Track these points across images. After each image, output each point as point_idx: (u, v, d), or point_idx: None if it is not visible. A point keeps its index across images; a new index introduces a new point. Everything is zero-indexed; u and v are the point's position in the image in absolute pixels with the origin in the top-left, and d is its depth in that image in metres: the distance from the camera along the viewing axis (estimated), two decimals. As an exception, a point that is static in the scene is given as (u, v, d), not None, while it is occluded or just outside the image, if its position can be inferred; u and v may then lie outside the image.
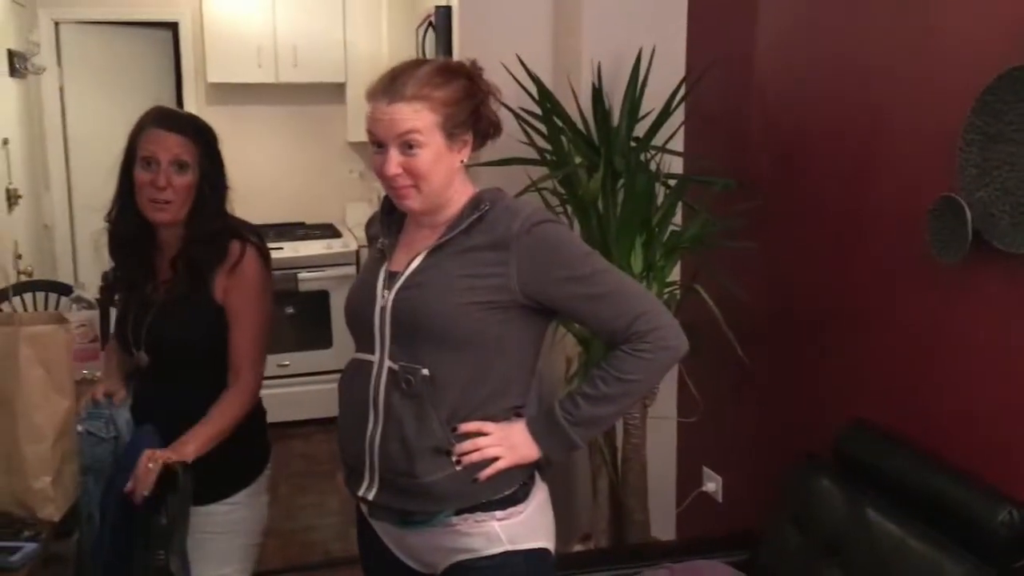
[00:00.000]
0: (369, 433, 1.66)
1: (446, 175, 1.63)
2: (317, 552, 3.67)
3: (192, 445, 1.86)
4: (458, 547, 1.65)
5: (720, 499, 3.01)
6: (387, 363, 1.63)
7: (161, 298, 2.02)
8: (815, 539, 2.19)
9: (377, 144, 1.61)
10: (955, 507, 1.92)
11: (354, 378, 1.72)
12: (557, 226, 1.64)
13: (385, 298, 1.64)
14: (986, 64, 1.85)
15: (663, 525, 3.13)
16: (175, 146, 1.95)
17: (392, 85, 1.59)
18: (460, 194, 1.67)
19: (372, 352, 1.66)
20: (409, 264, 1.65)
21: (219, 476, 1.93)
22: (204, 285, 1.99)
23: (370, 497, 1.68)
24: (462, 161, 1.66)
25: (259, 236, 2.10)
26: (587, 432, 1.67)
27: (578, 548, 2.87)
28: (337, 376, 2.02)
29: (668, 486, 3.23)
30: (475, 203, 1.64)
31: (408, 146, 1.58)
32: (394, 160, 1.59)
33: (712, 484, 3.03)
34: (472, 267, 1.59)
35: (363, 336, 1.69)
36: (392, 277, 1.66)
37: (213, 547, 2.02)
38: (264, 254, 2.07)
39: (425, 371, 1.59)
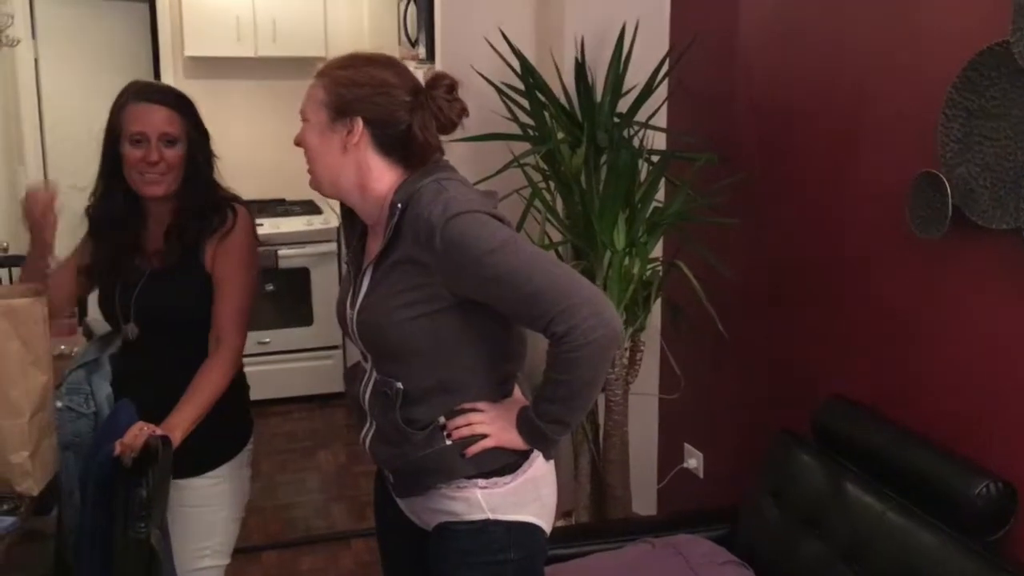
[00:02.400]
0: (365, 430, 1.75)
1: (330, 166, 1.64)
2: (298, 529, 3.66)
3: (179, 431, 1.84)
4: (443, 509, 1.68)
5: (701, 475, 3.02)
6: (374, 373, 1.69)
7: (151, 268, 1.99)
8: (794, 513, 2.21)
9: None
10: (933, 481, 1.94)
11: (353, 378, 1.78)
12: (463, 221, 1.50)
13: (351, 317, 1.67)
14: (968, 40, 1.85)
15: (644, 501, 3.15)
16: (162, 121, 1.93)
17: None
18: (386, 192, 1.63)
19: (366, 359, 1.72)
20: (363, 281, 1.65)
21: (203, 449, 1.92)
22: (196, 254, 1.98)
23: (367, 448, 1.77)
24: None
25: (247, 207, 2.09)
26: (560, 429, 1.62)
27: (560, 524, 2.88)
28: (317, 353, 2.04)
29: (649, 462, 3.25)
30: (392, 206, 1.59)
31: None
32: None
33: (693, 460, 3.05)
34: (405, 280, 1.57)
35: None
36: (354, 295, 1.67)
37: (196, 520, 2.03)
38: (253, 224, 2.08)
39: (399, 384, 1.62)
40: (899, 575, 1.89)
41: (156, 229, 2.01)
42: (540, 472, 1.71)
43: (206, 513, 2.04)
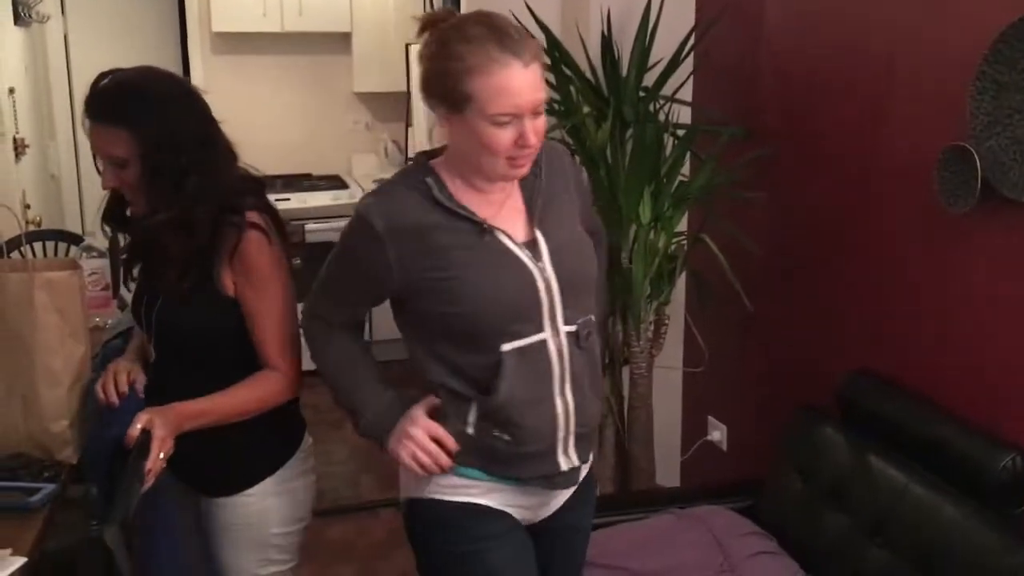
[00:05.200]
0: (560, 413, 1.61)
1: None
2: (326, 500, 3.70)
3: (206, 418, 1.71)
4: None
5: (725, 448, 3.04)
6: (564, 330, 1.59)
7: (168, 287, 1.79)
8: (818, 486, 2.22)
9: (512, 115, 1.46)
10: (957, 454, 1.95)
11: (527, 369, 1.57)
12: None
13: (543, 270, 1.57)
14: (999, 11, 1.84)
15: (668, 473, 3.17)
16: (104, 143, 1.72)
17: (520, 46, 1.46)
18: None
19: (539, 331, 1.57)
20: (533, 229, 1.58)
21: (234, 467, 1.80)
22: (211, 276, 1.75)
23: (576, 463, 1.67)
24: None
25: (259, 197, 1.83)
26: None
27: (584, 495, 2.91)
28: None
29: (673, 435, 3.27)
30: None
31: (536, 111, 1.48)
32: (531, 128, 1.47)
33: (717, 433, 3.06)
34: (567, 208, 1.66)
35: (525, 322, 1.56)
36: (532, 247, 1.57)
37: (244, 538, 1.87)
38: (263, 228, 1.77)
39: (591, 316, 1.66)
40: (923, 548, 1.91)
41: None
42: None
43: (250, 531, 1.86)
